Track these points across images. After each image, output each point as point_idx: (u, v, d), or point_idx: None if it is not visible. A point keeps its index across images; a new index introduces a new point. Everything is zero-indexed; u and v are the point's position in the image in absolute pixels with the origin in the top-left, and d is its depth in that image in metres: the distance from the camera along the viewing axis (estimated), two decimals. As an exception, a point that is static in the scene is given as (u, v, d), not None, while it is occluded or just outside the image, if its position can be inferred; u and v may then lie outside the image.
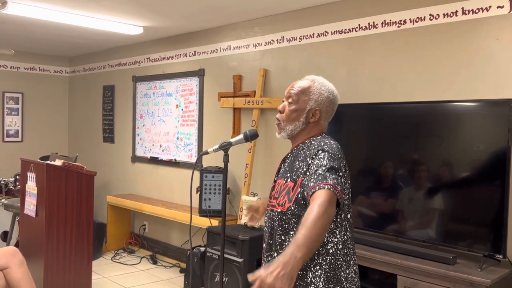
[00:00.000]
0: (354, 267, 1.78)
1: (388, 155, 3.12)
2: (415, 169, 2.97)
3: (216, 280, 3.68)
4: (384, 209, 3.10)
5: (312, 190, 1.61)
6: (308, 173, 1.69)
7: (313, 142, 1.79)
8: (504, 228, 2.56)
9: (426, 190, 2.90)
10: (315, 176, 1.64)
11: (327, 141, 1.76)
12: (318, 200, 1.55)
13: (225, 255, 3.52)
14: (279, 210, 1.78)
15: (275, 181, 1.89)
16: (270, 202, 1.86)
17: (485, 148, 2.68)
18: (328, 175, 1.63)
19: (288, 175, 1.78)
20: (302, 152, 1.79)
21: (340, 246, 1.73)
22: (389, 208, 3.06)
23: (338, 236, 1.73)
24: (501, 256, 2.57)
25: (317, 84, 1.84)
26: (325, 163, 1.66)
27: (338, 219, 1.73)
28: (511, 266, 2.60)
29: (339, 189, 1.61)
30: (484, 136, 2.70)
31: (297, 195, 1.72)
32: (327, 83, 1.87)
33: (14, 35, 5.34)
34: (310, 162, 1.71)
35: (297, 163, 1.77)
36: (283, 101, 1.89)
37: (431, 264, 2.63)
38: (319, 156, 1.69)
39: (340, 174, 1.67)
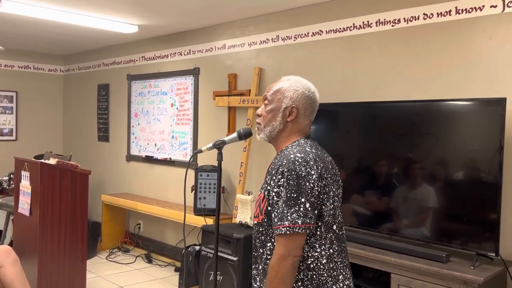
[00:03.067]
0: (346, 282, 1.70)
1: (382, 153, 3.14)
2: (410, 168, 2.98)
3: (210, 278, 3.68)
4: (378, 208, 3.11)
5: (275, 232, 1.60)
6: (269, 194, 1.65)
7: (281, 154, 1.69)
8: (497, 226, 2.58)
9: (420, 188, 2.91)
10: (277, 211, 1.60)
11: (292, 156, 1.63)
12: (271, 263, 1.60)
13: (220, 254, 3.52)
14: (255, 221, 1.75)
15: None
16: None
17: (479, 147, 2.70)
18: (285, 211, 1.57)
19: (263, 186, 1.75)
20: (274, 162, 1.73)
21: (324, 261, 1.65)
22: (383, 206, 3.08)
23: (318, 250, 1.64)
24: (493, 254, 2.59)
25: (292, 82, 1.78)
26: (283, 194, 1.59)
27: (318, 233, 1.65)
28: (503, 264, 2.62)
29: (299, 223, 1.56)
30: (478, 134, 2.72)
31: (266, 207, 1.67)
32: (302, 80, 1.80)
33: (8, 33, 5.32)
34: (271, 183, 1.65)
35: (267, 174, 1.73)
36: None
37: (425, 262, 2.65)
38: (279, 183, 1.61)
39: (303, 200, 1.58)
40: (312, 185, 1.60)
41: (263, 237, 1.71)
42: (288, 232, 1.56)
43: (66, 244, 3.76)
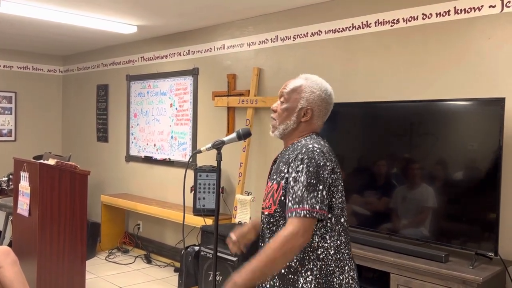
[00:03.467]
0: (351, 273, 1.74)
1: (381, 153, 3.14)
2: (409, 168, 2.98)
3: (210, 279, 3.68)
4: (377, 208, 3.11)
5: (288, 214, 1.62)
6: (287, 182, 1.68)
7: (298, 144, 1.74)
8: (496, 226, 2.58)
9: (419, 188, 2.91)
10: (293, 195, 1.62)
11: (311, 145, 1.68)
12: (281, 234, 1.59)
13: (219, 254, 3.52)
14: (266, 213, 1.77)
15: (267, 183, 1.87)
16: (262, 203, 1.85)
17: (478, 147, 2.70)
18: (305, 195, 1.60)
19: (274, 177, 1.76)
20: (287, 153, 1.76)
21: (332, 252, 1.69)
22: (382, 206, 3.08)
23: (328, 241, 1.69)
24: (492, 254, 2.59)
25: (309, 83, 1.80)
26: (303, 179, 1.62)
27: (329, 224, 1.69)
28: (502, 263, 2.62)
29: (317, 208, 1.60)
30: (477, 134, 2.72)
31: (281, 197, 1.70)
32: (320, 81, 1.82)
33: (7, 34, 5.32)
34: (289, 169, 1.68)
35: (281, 164, 1.75)
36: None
37: (424, 262, 2.65)
38: (298, 169, 1.64)
39: (320, 187, 1.62)
40: (326, 176, 1.65)
41: (274, 228, 1.74)
42: (307, 215, 1.59)
43: (65, 244, 3.76)
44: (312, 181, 1.62)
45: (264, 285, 1.79)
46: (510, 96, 2.68)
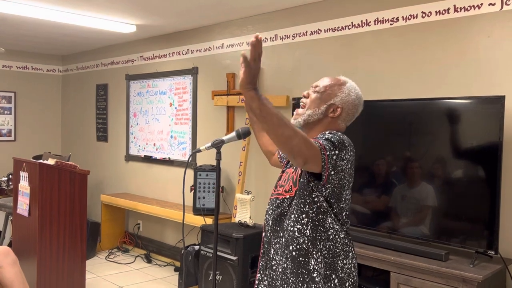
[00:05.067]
0: (353, 261, 1.81)
1: (381, 152, 3.13)
2: (408, 166, 2.98)
3: (210, 278, 3.68)
4: (377, 206, 3.11)
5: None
6: None
7: (322, 135, 1.78)
8: (496, 224, 2.58)
9: (419, 187, 2.91)
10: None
11: (340, 133, 1.75)
12: (288, 122, 1.59)
13: (219, 253, 3.52)
14: (288, 196, 1.80)
15: (283, 171, 1.91)
16: (275, 191, 1.88)
17: (478, 145, 2.70)
18: (322, 141, 1.66)
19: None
20: None
21: (342, 235, 1.77)
22: (382, 205, 3.08)
23: (339, 224, 1.76)
24: (493, 252, 2.59)
25: (349, 85, 1.86)
26: (327, 137, 1.69)
27: (337, 209, 1.75)
28: (503, 262, 2.62)
29: (327, 153, 1.64)
30: (477, 133, 2.72)
31: (299, 176, 1.75)
32: (358, 89, 1.88)
33: (6, 34, 5.31)
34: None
35: None
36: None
37: (424, 260, 2.65)
38: (325, 137, 1.70)
39: (336, 152, 1.67)
40: (350, 149, 1.73)
41: (291, 209, 1.77)
42: (316, 144, 1.63)
43: (65, 244, 3.76)
44: (334, 141, 1.68)
45: (276, 268, 1.82)
46: (510, 94, 2.68)
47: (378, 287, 2.88)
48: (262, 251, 1.93)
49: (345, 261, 1.76)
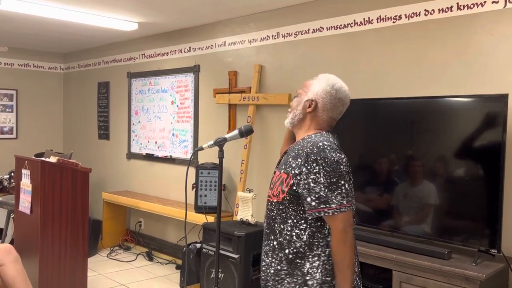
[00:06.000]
0: (355, 268, 1.80)
1: (383, 150, 3.13)
2: (410, 165, 2.97)
3: (212, 276, 3.68)
4: (379, 205, 3.10)
5: (316, 215, 1.71)
6: (301, 182, 1.72)
7: (308, 140, 1.78)
8: (499, 223, 2.57)
9: (421, 185, 2.90)
10: (315, 195, 1.69)
11: (321, 143, 1.73)
12: (334, 244, 1.70)
13: (221, 251, 3.52)
14: (275, 200, 1.82)
15: (274, 172, 1.93)
16: (269, 191, 1.90)
17: (480, 143, 2.69)
18: (329, 195, 1.69)
19: (283, 167, 1.83)
20: (297, 147, 1.81)
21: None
22: (384, 203, 3.07)
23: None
24: (495, 251, 2.58)
25: (321, 78, 1.88)
26: (323, 180, 1.69)
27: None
28: (505, 260, 2.61)
29: (345, 203, 1.69)
30: (479, 131, 2.70)
31: (290, 186, 1.76)
32: (332, 78, 1.88)
33: (8, 31, 5.31)
34: (303, 169, 1.72)
35: (290, 158, 1.81)
36: None
37: (426, 259, 2.64)
38: (314, 170, 1.70)
39: (342, 182, 1.71)
40: (344, 168, 1.74)
41: (284, 214, 1.79)
42: (336, 213, 1.69)
43: (67, 242, 3.76)
44: (332, 180, 1.69)
45: (266, 269, 1.85)
46: (513, 93, 2.67)
47: (380, 285, 2.87)
48: (263, 245, 1.96)
49: None
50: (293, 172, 1.75)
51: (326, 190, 1.68)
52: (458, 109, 2.84)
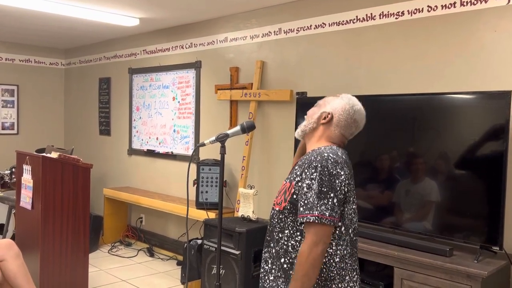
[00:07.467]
0: (351, 284, 1.78)
1: (385, 147, 3.12)
2: (412, 162, 2.97)
3: (213, 272, 3.68)
4: (381, 202, 3.10)
5: (300, 219, 1.69)
6: (300, 186, 1.74)
7: (317, 151, 1.79)
8: (501, 220, 2.56)
9: (423, 182, 2.90)
10: (305, 201, 1.70)
11: (326, 154, 1.74)
12: (302, 249, 1.67)
13: (222, 248, 3.52)
14: (277, 209, 1.84)
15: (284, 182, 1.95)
16: (274, 200, 1.92)
17: (482, 140, 2.68)
18: (316, 202, 1.67)
19: (289, 176, 1.86)
20: (305, 157, 1.83)
21: (337, 259, 1.75)
22: (386, 200, 3.07)
23: (334, 248, 1.74)
24: (497, 248, 2.58)
25: (343, 97, 1.91)
26: (315, 187, 1.69)
27: (337, 232, 1.75)
28: (507, 257, 2.61)
29: (327, 215, 1.66)
30: (482, 128, 2.69)
31: (292, 195, 1.77)
32: (354, 100, 1.91)
33: (9, 27, 5.30)
34: (303, 175, 1.74)
35: (296, 167, 1.84)
36: None
37: (428, 256, 2.64)
38: (312, 176, 1.71)
39: (332, 195, 1.69)
40: (340, 184, 1.72)
41: (282, 224, 1.81)
42: (316, 221, 1.66)
43: (68, 238, 3.76)
44: (323, 189, 1.69)
45: (265, 275, 1.86)
46: (516, 89, 2.66)
47: (382, 282, 2.87)
48: (262, 252, 1.96)
49: (340, 285, 1.75)
50: (295, 180, 1.78)
51: (315, 197, 1.68)
52: (461, 106, 2.83)
